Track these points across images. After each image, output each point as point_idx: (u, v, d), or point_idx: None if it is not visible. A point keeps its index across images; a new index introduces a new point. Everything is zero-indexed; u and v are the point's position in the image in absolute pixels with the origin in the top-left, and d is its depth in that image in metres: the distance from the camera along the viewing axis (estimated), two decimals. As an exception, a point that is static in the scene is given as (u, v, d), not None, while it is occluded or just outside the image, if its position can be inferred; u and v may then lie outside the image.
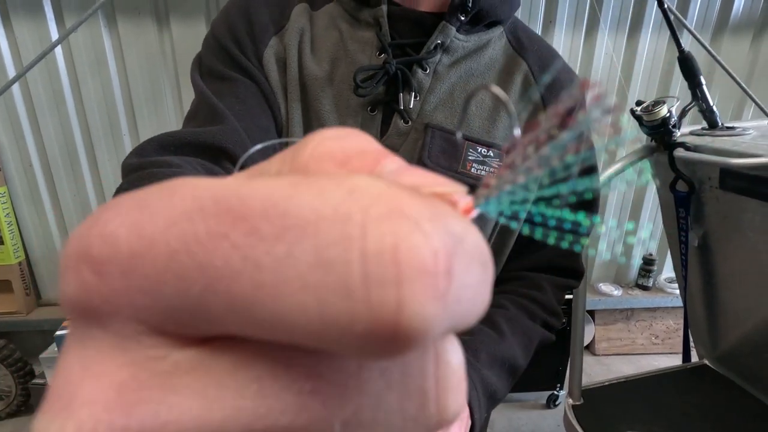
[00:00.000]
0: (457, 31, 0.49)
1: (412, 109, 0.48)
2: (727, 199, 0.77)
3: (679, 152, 0.78)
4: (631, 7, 1.89)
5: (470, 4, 0.47)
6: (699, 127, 0.86)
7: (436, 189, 0.11)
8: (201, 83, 0.47)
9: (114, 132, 1.84)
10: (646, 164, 0.88)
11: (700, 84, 0.78)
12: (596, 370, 2.29)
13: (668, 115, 0.78)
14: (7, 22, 1.68)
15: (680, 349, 1.06)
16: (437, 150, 0.48)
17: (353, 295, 0.08)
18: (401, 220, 0.08)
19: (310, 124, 0.49)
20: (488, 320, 0.52)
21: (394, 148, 0.48)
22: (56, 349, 1.66)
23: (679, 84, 2.02)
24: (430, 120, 0.48)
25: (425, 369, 0.10)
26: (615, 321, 2.34)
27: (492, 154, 0.48)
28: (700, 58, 1.91)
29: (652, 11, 1.89)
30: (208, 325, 0.09)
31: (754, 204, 0.72)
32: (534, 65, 0.51)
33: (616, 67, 1.95)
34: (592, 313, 2.35)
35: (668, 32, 1.93)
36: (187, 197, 0.09)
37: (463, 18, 0.48)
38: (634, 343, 2.35)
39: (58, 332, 1.66)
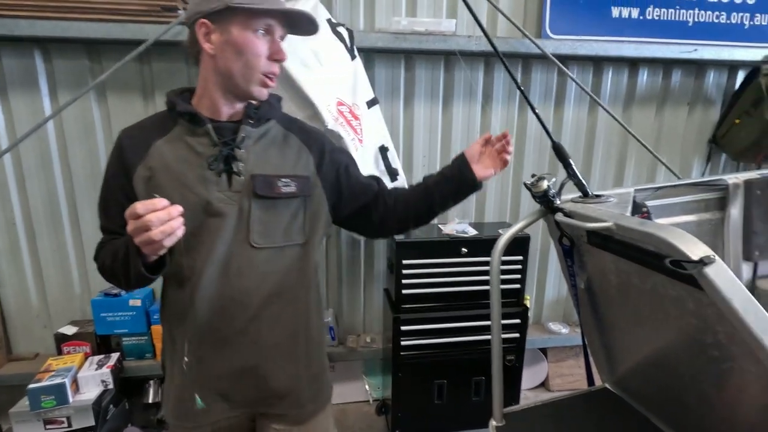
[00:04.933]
0: (251, 127, 0.92)
1: (241, 169, 0.91)
2: (594, 252, 1.00)
3: (558, 216, 1.01)
4: (555, 83, 2.24)
5: (252, 115, 0.93)
6: (578, 195, 1.11)
7: None
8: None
9: (98, 194, 1.99)
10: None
11: (570, 165, 1.03)
12: (551, 407, 2.44)
13: (548, 187, 1.02)
14: (4, 95, 1.87)
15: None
16: (260, 184, 0.91)
17: None
18: None
19: (184, 192, 0.88)
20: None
21: (238, 191, 0.91)
22: (27, 403, 1.71)
23: (601, 144, 2.36)
24: (253, 172, 0.91)
25: None
26: (566, 357, 2.53)
27: (289, 180, 0.93)
28: (615, 126, 2.26)
29: (572, 90, 2.25)
30: None
31: (610, 256, 0.95)
32: (298, 134, 1.00)
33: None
34: (544, 351, 2.54)
35: (588, 105, 2.28)
36: None
37: (251, 122, 0.92)
38: (584, 378, 2.52)
39: (31, 385, 1.72)
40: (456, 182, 1.06)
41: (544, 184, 1.02)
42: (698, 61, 2.24)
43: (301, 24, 0.92)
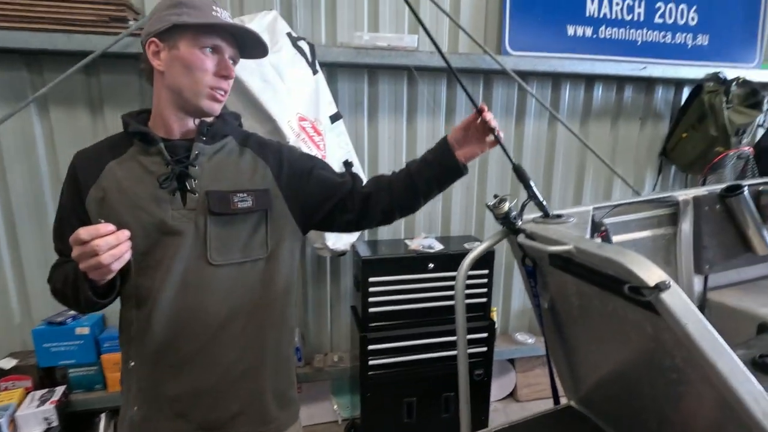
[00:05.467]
0: (205, 144, 0.92)
1: (195, 187, 0.90)
2: (556, 274, 1.01)
3: (521, 238, 1.01)
4: (516, 99, 2.29)
5: (205, 132, 0.92)
6: (539, 215, 1.11)
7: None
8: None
9: (39, 214, 1.85)
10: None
11: (530, 187, 1.04)
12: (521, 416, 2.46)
13: (509, 209, 1.02)
14: (-70, 109, 1.71)
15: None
16: (215, 201, 0.90)
17: None
18: None
19: (137, 212, 0.88)
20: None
21: (193, 208, 0.90)
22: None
23: (561, 157, 2.42)
24: (207, 189, 0.90)
25: None
26: (533, 367, 2.56)
27: (246, 195, 0.92)
28: (574, 140, 2.34)
29: (532, 105, 2.31)
30: None
31: (572, 278, 0.96)
32: (254, 147, 0.99)
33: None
34: (512, 361, 2.56)
35: (547, 119, 2.35)
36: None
37: (204, 138, 0.92)
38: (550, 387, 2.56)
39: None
40: (438, 167, 1.02)
41: (506, 205, 1.02)
42: (648, 78, 2.35)
43: (250, 44, 0.94)
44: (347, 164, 2.00)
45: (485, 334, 1.97)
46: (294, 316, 1.07)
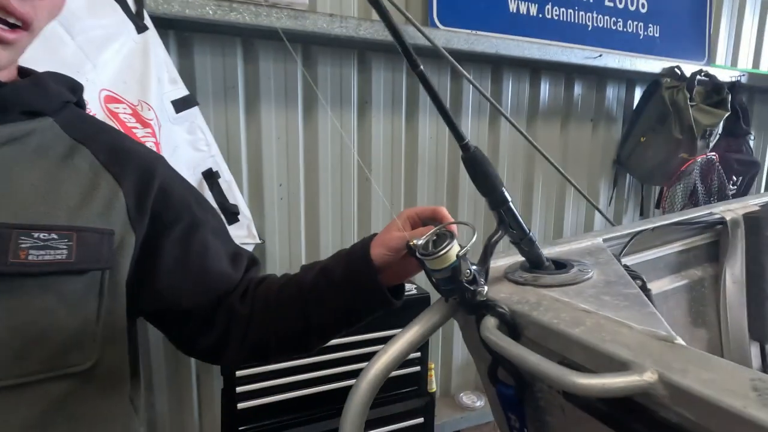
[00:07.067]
0: None
1: None
2: (576, 417, 0.42)
3: (488, 330, 0.41)
4: (449, 88, 1.78)
5: None
6: (517, 261, 0.52)
7: None
8: None
9: None
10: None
11: (506, 201, 0.45)
12: None
13: (461, 257, 0.42)
14: None
15: None
16: None
17: None
18: None
19: None
20: None
21: None
22: None
23: (506, 164, 1.94)
24: None
25: None
26: (483, 435, 2.00)
27: (56, 237, 0.46)
28: (520, 144, 1.87)
29: (469, 98, 1.80)
30: None
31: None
32: (99, 152, 0.53)
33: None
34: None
35: (488, 116, 1.86)
36: None
37: None
38: (506, 457, 2.02)
39: None
40: (352, 292, 0.54)
41: (453, 250, 0.42)
42: (599, 71, 1.96)
43: None
44: (210, 175, 1.33)
45: (420, 419, 1.36)
46: None
